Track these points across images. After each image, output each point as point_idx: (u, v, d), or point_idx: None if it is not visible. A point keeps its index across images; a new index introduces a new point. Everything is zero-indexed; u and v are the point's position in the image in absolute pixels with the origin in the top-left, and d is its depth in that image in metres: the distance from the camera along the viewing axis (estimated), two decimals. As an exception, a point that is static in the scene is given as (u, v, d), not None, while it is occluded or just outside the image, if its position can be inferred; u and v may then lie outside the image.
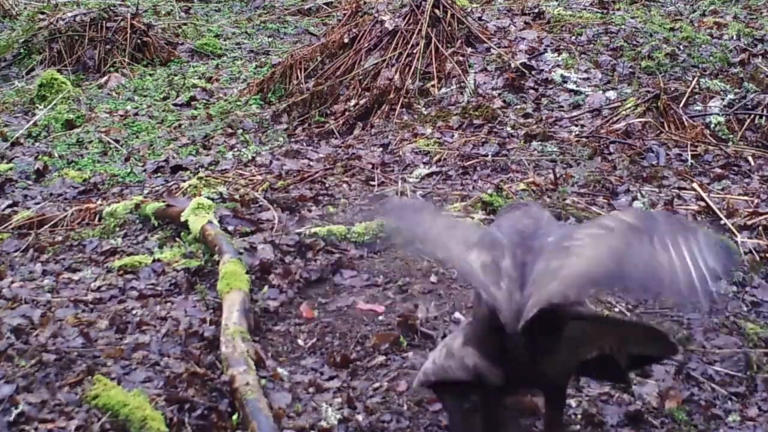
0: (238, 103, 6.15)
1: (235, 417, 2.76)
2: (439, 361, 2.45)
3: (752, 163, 4.81)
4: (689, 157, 4.80)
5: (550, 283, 2.25)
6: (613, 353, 2.33)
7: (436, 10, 6.06)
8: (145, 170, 5.12)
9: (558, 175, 4.53)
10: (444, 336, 3.13)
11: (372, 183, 4.63)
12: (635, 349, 2.33)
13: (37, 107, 6.30)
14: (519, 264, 2.36)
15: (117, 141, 5.63)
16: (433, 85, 5.79)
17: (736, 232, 3.90)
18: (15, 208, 4.60)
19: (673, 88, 5.44)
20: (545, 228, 2.51)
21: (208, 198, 4.19)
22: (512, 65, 5.82)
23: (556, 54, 5.96)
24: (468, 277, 2.62)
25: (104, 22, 7.33)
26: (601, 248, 2.31)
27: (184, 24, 8.19)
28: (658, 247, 2.24)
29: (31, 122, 5.97)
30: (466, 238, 2.48)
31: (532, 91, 5.67)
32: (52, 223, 4.32)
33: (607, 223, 2.42)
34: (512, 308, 2.26)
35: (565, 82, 5.70)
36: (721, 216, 4.06)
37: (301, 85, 6.07)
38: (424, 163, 4.91)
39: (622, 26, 6.40)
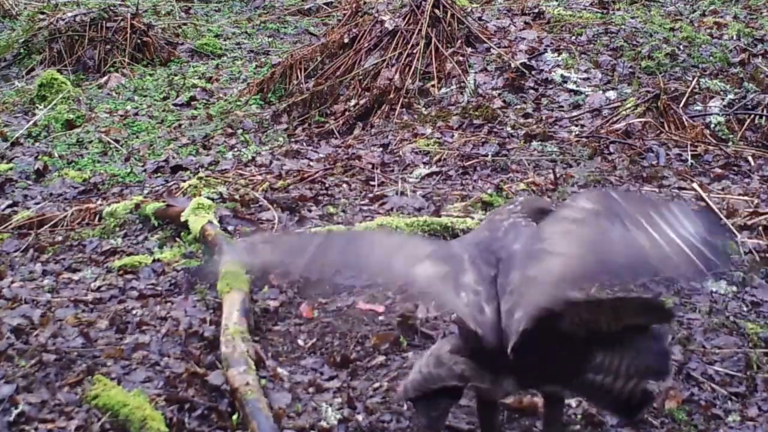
0: (238, 103, 6.14)
1: (235, 417, 2.76)
2: (426, 370, 2.42)
3: (752, 163, 4.81)
4: (689, 157, 4.79)
5: (532, 293, 2.20)
6: (609, 328, 2.29)
7: (436, 10, 6.06)
8: (145, 170, 5.12)
9: (558, 175, 4.53)
10: (444, 336, 3.13)
11: (372, 183, 4.63)
12: (630, 321, 2.28)
13: (37, 107, 6.30)
14: (485, 278, 2.32)
15: (117, 141, 5.63)
16: (433, 85, 5.79)
17: (736, 232, 3.89)
18: (15, 208, 4.60)
19: (673, 88, 5.44)
20: (507, 235, 2.45)
21: (208, 198, 4.19)
22: (512, 65, 5.82)
23: (556, 54, 5.96)
24: (419, 290, 2.53)
25: (104, 22, 7.33)
26: (576, 243, 2.25)
27: (184, 24, 8.19)
28: (633, 228, 2.18)
29: (31, 122, 5.97)
30: (414, 253, 2.43)
31: (532, 91, 5.67)
32: (52, 223, 4.32)
33: (571, 215, 2.35)
34: (485, 322, 2.24)
35: (565, 82, 5.70)
36: (721, 216, 4.06)
37: (301, 85, 6.07)
38: (424, 163, 4.91)
39: (622, 26, 6.40)
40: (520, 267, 2.29)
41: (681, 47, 6.03)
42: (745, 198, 4.32)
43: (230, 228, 3.97)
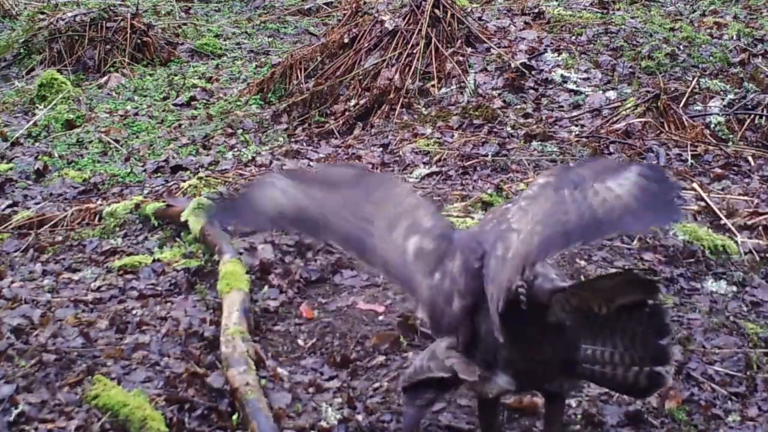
0: (238, 103, 6.14)
1: (235, 417, 2.76)
2: (419, 363, 2.48)
3: (752, 163, 4.81)
4: (689, 157, 4.79)
5: (501, 273, 2.28)
6: (598, 311, 2.31)
7: (436, 10, 6.06)
8: (145, 170, 5.12)
9: (558, 175, 4.52)
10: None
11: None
12: (622, 300, 2.29)
13: (37, 107, 6.30)
14: (470, 269, 2.40)
15: (117, 141, 5.63)
16: (433, 85, 5.79)
17: (736, 232, 3.89)
18: (15, 208, 4.60)
19: (673, 88, 5.44)
20: (494, 225, 2.51)
21: (208, 198, 4.19)
22: (512, 65, 5.82)
23: (556, 54, 5.95)
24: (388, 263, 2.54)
25: (104, 22, 7.33)
26: (531, 217, 2.32)
27: (184, 24, 8.19)
28: (589, 193, 2.26)
29: (31, 122, 5.97)
30: (415, 223, 2.51)
31: (532, 91, 5.67)
32: (52, 223, 4.32)
33: (530, 193, 2.44)
34: (447, 313, 2.36)
35: (565, 82, 5.69)
36: (721, 216, 4.06)
37: (301, 85, 6.07)
38: (424, 163, 4.91)
39: (622, 26, 6.40)
40: (492, 251, 2.38)
41: (681, 47, 6.03)
42: (745, 198, 4.32)
43: (230, 228, 3.97)
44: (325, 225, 2.53)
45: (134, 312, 3.40)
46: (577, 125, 5.28)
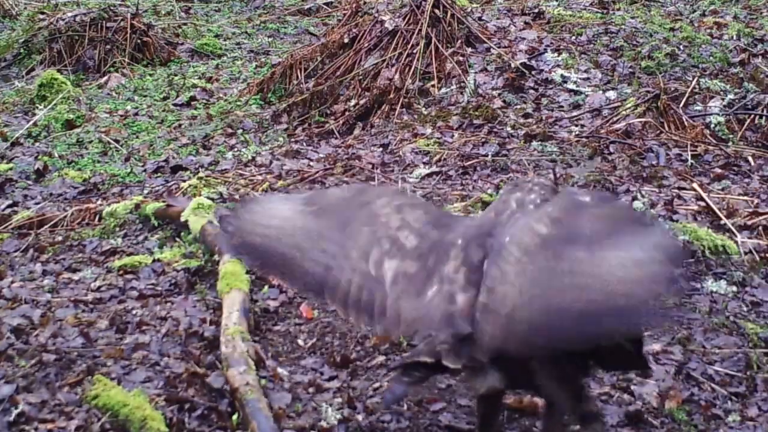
0: (238, 103, 6.14)
1: (235, 417, 2.76)
2: (416, 349, 2.45)
3: (752, 163, 4.81)
4: (689, 157, 4.79)
5: (488, 328, 2.21)
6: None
7: (436, 10, 6.06)
8: (145, 170, 5.12)
9: (558, 175, 4.53)
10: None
11: (372, 183, 4.63)
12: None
13: (37, 107, 6.30)
14: (469, 264, 2.35)
15: (117, 141, 5.63)
16: (433, 85, 5.79)
17: (736, 232, 3.90)
18: (15, 208, 4.60)
19: (673, 88, 5.44)
20: (507, 220, 2.44)
21: (208, 198, 4.20)
22: (512, 65, 5.82)
23: (556, 54, 5.96)
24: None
25: (104, 22, 7.32)
26: (526, 281, 2.19)
27: (184, 24, 8.19)
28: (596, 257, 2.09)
29: (31, 122, 5.97)
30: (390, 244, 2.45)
31: (532, 91, 5.67)
32: (52, 223, 4.32)
33: (537, 229, 2.28)
34: (456, 311, 2.29)
35: (565, 82, 5.69)
36: (721, 216, 4.06)
37: (301, 85, 6.07)
38: (424, 163, 4.91)
39: (622, 26, 6.40)
40: (490, 272, 2.30)
41: (681, 47, 6.03)
42: (745, 198, 4.32)
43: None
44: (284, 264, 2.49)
45: (134, 312, 3.40)
46: (577, 125, 5.28)
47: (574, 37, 6.27)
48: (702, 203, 4.21)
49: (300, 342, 3.25)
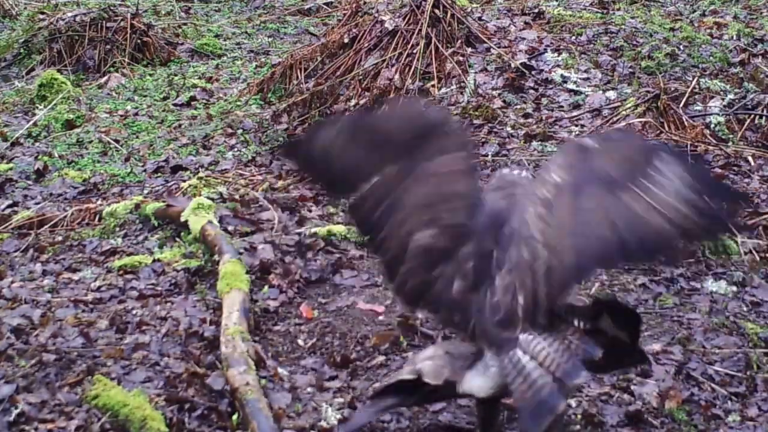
0: (238, 103, 6.14)
1: (235, 417, 2.76)
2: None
3: (752, 163, 4.80)
4: (689, 157, 4.79)
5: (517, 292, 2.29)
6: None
7: (436, 10, 6.05)
8: (145, 170, 5.12)
9: (558, 175, 4.52)
10: (444, 336, 3.14)
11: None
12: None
13: (37, 107, 6.29)
14: (482, 253, 2.40)
15: (117, 141, 5.63)
16: (433, 85, 5.78)
17: (736, 232, 3.89)
18: (15, 208, 4.60)
19: (673, 88, 5.43)
20: (517, 206, 2.47)
21: (208, 198, 4.19)
22: (512, 65, 5.82)
23: (556, 54, 5.95)
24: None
25: (104, 22, 7.32)
26: (555, 230, 2.27)
27: (184, 24, 8.19)
28: (623, 196, 2.16)
29: (31, 122, 5.97)
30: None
31: (532, 91, 5.67)
32: (52, 223, 4.32)
33: (544, 195, 2.33)
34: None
35: (565, 82, 5.69)
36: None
37: (301, 85, 6.07)
38: (424, 163, 4.90)
39: (622, 26, 6.40)
40: (509, 264, 2.36)
41: (681, 47, 6.03)
42: (745, 198, 4.32)
43: (230, 228, 3.97)
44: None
45: (134, 312, 3.40)
46: (577, 125, 5.28)
47: (574, 37, 6.26)
48: (702, 203, 4.20)
49: (300, 342, 3.25)
